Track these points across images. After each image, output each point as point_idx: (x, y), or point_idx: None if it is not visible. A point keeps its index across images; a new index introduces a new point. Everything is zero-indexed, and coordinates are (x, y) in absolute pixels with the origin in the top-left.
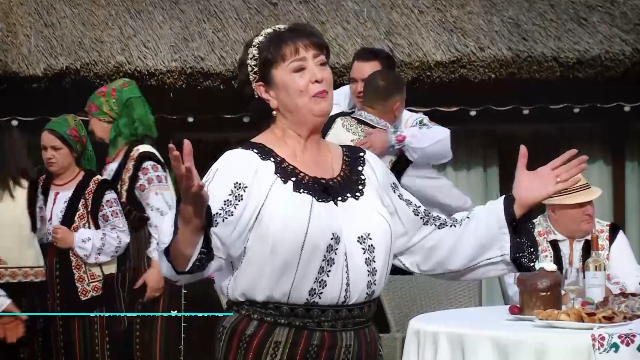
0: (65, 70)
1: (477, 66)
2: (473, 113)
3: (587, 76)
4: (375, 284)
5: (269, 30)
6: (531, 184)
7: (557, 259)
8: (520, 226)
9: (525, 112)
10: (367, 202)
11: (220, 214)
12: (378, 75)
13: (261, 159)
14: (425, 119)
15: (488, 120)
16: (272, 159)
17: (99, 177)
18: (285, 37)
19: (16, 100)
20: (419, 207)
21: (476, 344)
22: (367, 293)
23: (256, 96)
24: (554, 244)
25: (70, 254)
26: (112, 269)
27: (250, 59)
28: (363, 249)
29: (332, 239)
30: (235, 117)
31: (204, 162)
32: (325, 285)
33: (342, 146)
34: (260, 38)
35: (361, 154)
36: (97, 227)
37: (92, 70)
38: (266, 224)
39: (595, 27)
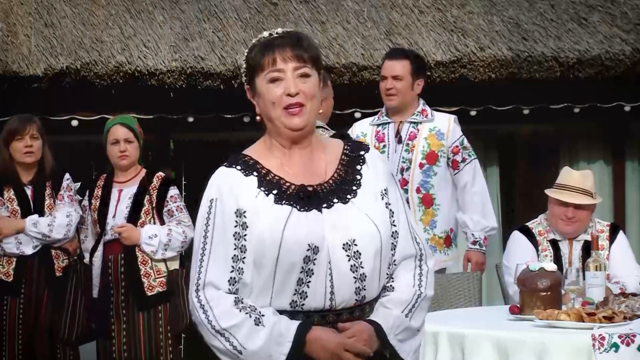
0: (65, 70)
1: (477, 66)
2: (473, 113)
3: (587, 76)
4: (365, 289)
5: (263, 34)
6: None
7: (557, 259)
8: None
9: (525, 112)
10: (358, 205)
11: (237, 256)
12: None
13: (244, 175)
14: (466, 141)
15: (488, 120)
16: (255, 173)
17: (161, 173)
18: (268, 46)
19: (16, 100)
20: (394, 225)
21: (476, 344)
22: (356, 299)
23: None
24: (554, 244)
25: (136, 250)
26: (175, 264)
27: (244, 61)
28: (348, 255)
29: (308, 250)
30: (235, 117)
31: (204, 162)
32: (307, 297)
33: (347, 143)
34: (254, 41)
35: (362, 152)
36: (162, 222)
37: (92, 70)
38: (250, 239)
39: (595, 27)
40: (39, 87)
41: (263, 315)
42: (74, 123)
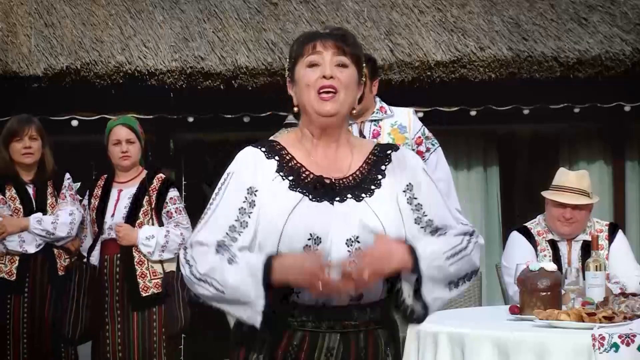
0: (65, 70)
1: (477, 66)
2: (473, 113)
3: (587, 76)
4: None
5: (311, 30)
6: None
7: (556, 259)
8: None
9: (525, 112)
10: (371, 204)
11: (235, 227)
12: None
13: (266, 157)
14: (427, 131)
15: (488, 120)
16: (277, 157)
17: (162, 175)
18: (311, 35)
19: (16, 100)
20: (425, 215)
21: (476, 344)
22: (351, 297)
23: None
24: (553, 244)
25: (134, 250)
26: (172, 266)
27: (288, 53)
28: (349, 251)
29: (309, 239)
30: (235, 117)
31: (204, 162)
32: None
33: (378, 144)
34: (300, 34)
35: (389, 151)
36: (160, 224)
37: (92, 70)
38: (259, 222)
39: (595, 27)
40: (39, 87)
41: (236, 255)
42: (74, 123)
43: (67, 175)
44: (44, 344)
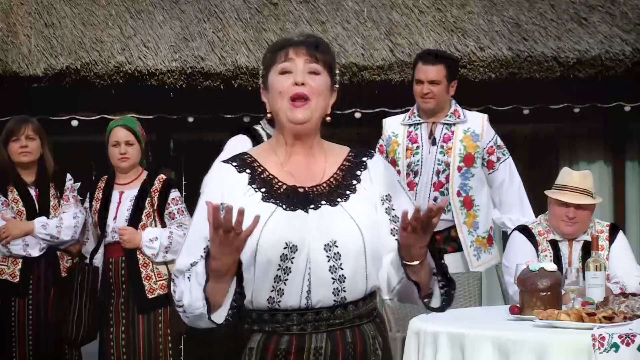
0: (65, 70)
1: (477, 66)
2: None
3: (587, 76)
4: (345, 291)
5: (283, 37)
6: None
7: (557, 259)
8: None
9: (525, 112)
10: (347, 208)
11: (208, 247)
12: None
13: (238, 171)
14: (499, 140)
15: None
16: (248, 170)
17: (162, 176)
18: (284, 42)
19: (16, 100)
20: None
21: (476, 344)
22: (334, 300)
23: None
24: (554, 244)
25: (138, 253)
26: None
27: (262, 61)
28: (328, 256)
29: (285, 248)
30: (235, 117)
31: (204, 162)
32: (283, 294)
33: (352, 150)
34: (273, 42)
35: (365, 158)
36: (163, 225)
37: (92, 70)
38: None
39: (595, 27)
40: (39, 87)
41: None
42: (74, 123)
43: (69, 176)
44: (49, 345)
